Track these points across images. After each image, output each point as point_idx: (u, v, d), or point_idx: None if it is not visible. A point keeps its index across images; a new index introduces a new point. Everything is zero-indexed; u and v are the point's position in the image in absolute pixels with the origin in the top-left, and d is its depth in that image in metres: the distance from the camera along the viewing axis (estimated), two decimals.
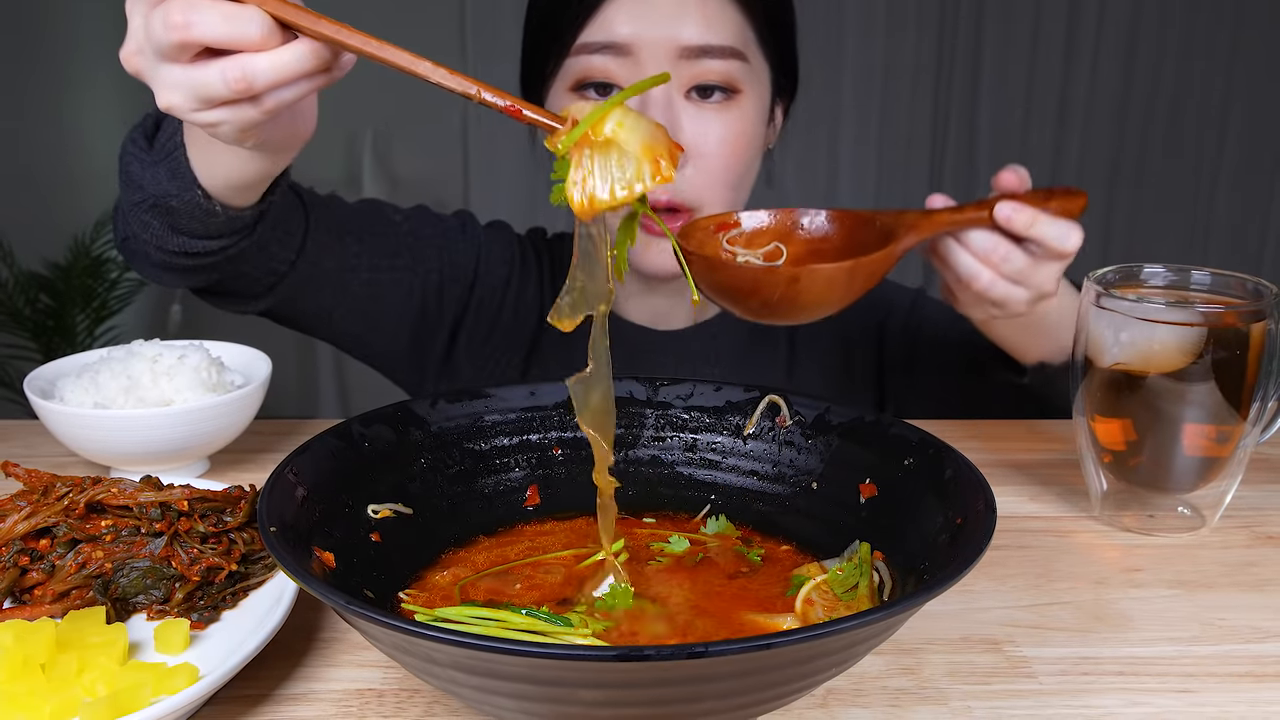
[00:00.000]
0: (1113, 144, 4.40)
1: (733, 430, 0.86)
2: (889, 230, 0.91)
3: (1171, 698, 0.74)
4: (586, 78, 1.18)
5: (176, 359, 1.06)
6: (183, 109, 0.74)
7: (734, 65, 1.18)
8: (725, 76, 1.17)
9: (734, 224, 0.92)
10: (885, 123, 4.34)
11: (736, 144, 1.20)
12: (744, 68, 1.19)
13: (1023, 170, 0.97)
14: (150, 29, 0.71)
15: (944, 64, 4.30)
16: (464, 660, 0.52)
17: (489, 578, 0.75)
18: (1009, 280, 0.96)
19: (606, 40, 1.16)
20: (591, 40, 1.17)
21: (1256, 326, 0.90)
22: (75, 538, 0.80)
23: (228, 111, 0.73)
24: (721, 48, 1.16)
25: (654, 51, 1.15)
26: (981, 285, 0.97)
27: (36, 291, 3.65)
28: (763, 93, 1.24)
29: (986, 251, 0.96)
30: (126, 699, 0.64)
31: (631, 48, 1.16)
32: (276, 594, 0.78)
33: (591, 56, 1.17)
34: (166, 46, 0.70)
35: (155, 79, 0.74)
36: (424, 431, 0.82)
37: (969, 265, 0.97)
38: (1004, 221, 0.94)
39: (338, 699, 0.72)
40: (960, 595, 0.86)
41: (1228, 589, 0.89)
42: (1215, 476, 0.97)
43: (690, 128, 1.17)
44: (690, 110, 1.18)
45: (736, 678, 0.54)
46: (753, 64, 1.21)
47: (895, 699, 0.73)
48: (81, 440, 1.02)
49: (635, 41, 1.15)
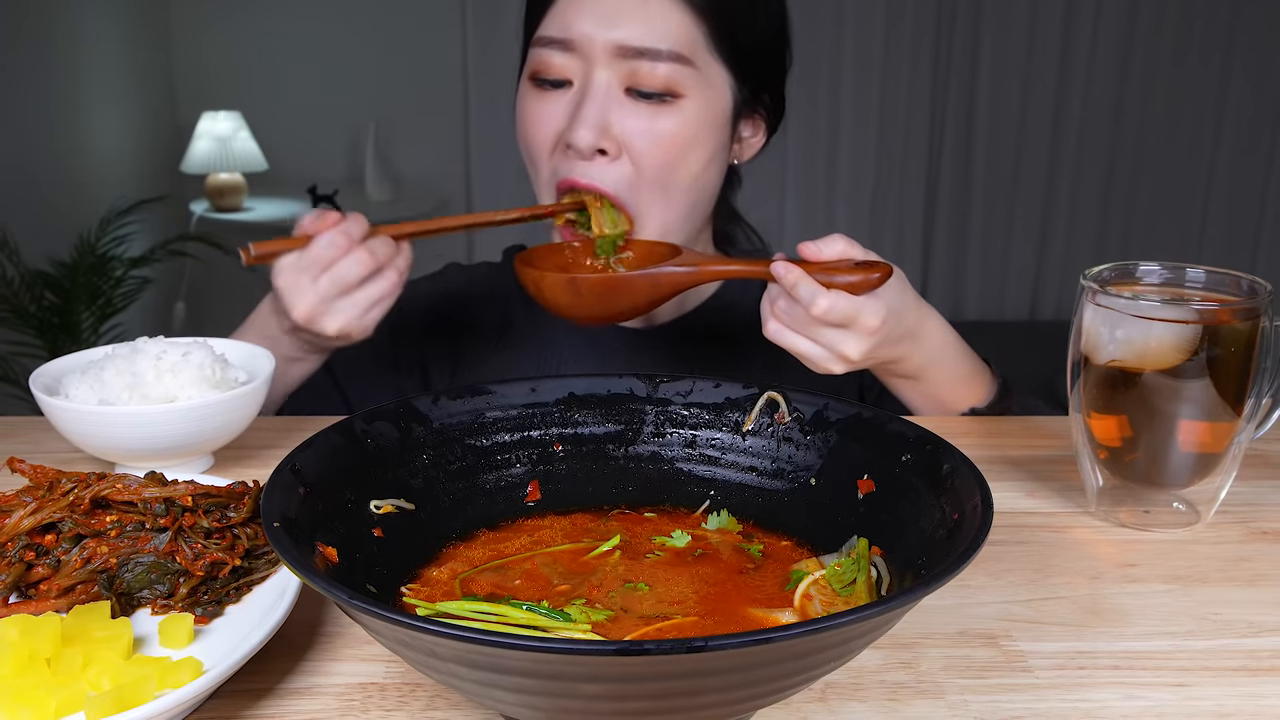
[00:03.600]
0: (1109, 141, 4.40)
1: (732, 427, 0.87)
2: (681, 263, 1.14)
3: (1167, 691, 0.75)
4: (542, 71, 1.23)
5: (180, 356, 1.07)
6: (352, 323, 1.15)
7: (675, 69, 1.20)
8: (666, 79, 1.20)
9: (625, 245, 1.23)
10: (884, 117, 4.34)
11: (669, 144, 1.22)
12: (689, 72, 1.20)
13: (836, 242, 1.09)
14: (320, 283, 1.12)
15: (941, 59, 4.30)
16: (465, 654, 0.53)
17: (490, 572, 0.76)
18: (790, 330, 1.09)
19: (557, 35, 1.21)
20: (544, 34, 1.23)
21: (1251, 324, 0.91)
22: (80, 533, 0.81)
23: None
24: (659, 50, 1.19)
25: (594, 50, 1.19)
26: (768, 331, 1.11)
27: (42, 289, 3.65)
28: (714, 100, 1.24)
29: (770, 298, 1.10)
30: (131, 693, 0.64)
31: (577, 44, 1.20)
32: (280, 589, 0.79)
33: (545, 49, 1.23)
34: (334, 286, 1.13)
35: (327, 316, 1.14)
36: (426, 428, 0.82)
37: (764, 311, 1.11)
38: (777, 277, 1.07)
39: (340, 693, 0.73)
40: (957, 590, 0.87)
41: (1223, 584, 0.90)
42: (1210, 472, 0.97)
43: (622, 124, 1.20)
44: (627, 105, 1.21)
45: (736, 672, 0.54)
46: (702, 70, 1.22)
47: (893, 693, 0.74)
48: (86, 436, 1.02)
49: (580, 39, 1.19)
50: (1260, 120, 4.42)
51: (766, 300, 1.11)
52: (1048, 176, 4.44)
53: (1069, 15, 4.24)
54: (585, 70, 1.21)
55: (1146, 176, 4.44)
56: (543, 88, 1.24)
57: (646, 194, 1.23)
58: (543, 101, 1.24)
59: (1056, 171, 4.42)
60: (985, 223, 4.50)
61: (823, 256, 1.08)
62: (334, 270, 1.11)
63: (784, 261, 1.07)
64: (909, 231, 4.51)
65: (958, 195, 4.47)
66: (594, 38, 1.19)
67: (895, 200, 4.46)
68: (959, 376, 1.23)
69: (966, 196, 4.47)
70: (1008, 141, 4.38)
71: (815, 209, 4.40)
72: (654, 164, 1.22)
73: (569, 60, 1.21)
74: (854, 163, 4.36)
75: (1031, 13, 4.23)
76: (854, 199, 4.44)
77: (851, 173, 4.39)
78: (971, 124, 4.37)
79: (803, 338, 1.08)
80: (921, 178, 4.45)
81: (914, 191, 4.47)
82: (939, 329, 1.19)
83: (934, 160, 4.43)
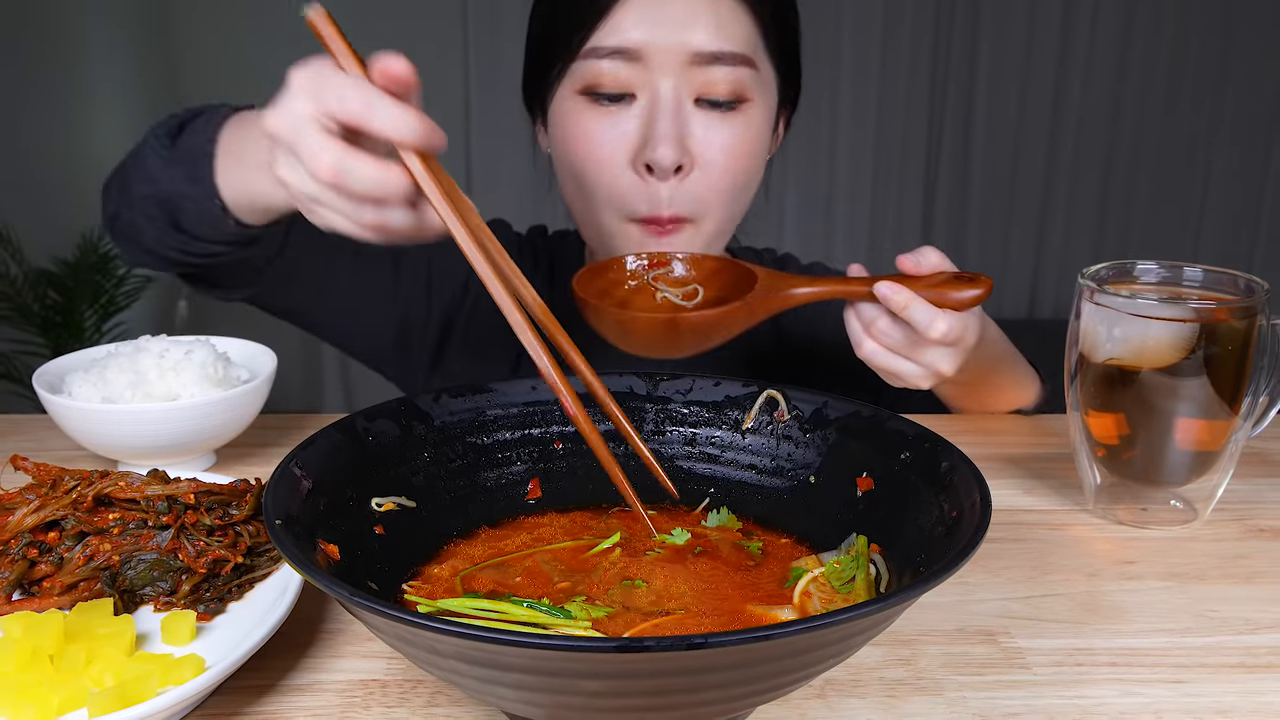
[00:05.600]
0: (1107, 141, 4.40)
1: (731, 424, 0.87)
2: (767, 290, 1.03)
3: (1164, 688, 0.75)
4: (596, 84, 1.16)
5: (183, 354, 1.07)
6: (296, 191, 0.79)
7: (743, 72, 1.15)
8: (735, 84, 1.15)
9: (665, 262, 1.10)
10: (881, 119, 4.34)
11: (741, 152, 1.18)
12: (753, 75, 1.17)
13: (931, 255, 1.02)
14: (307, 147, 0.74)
15: (939, 61, 4.30)
16: (466, 651, 0.53)
17: (491, 569, 0.76)
18: (892, 352, 1.02)
19: (617, 45, 1.13)
20: (601, 45, 1.14)
21: (1248, 322, 0.91)
22: (83, 530, 0.81)
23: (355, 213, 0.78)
24: (732, 54, 1.14)
25: (665, 58, 1.13)
26: (864, 353, 1.04)
27: (45, 288, 3.66)
28: (769, 101, 1.22)
29: (869, 322, 1.03)
30: (134, 689, 0.65)
31: (642, 53, 1.13)
32: (281, 586, 0.79)
33: (600, 61, 1.14)
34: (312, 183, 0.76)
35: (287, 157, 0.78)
36: (427, 426, 0.83)
37: (855, 332, 1.04)
38: (882, 299, 1.00)
39: (342, 689, 0.73)
40: (956, 587, 0.87)
41: (1219, 581, 0.90)
42: (1207, 470, 0.98)
43: (698, 134, 1.16)
44: (699, 116, 1.16)
45: (735, 668, 0.54)
46: (761, 72, 1.19)
47: (892, 689, 0.74)
48: (89, 434, 1.03)
49: (646, 47, 1.13)
50: (1256, 120, 4.42)
51: (856, 320, 1.04)
52: (1045, 175, 4.44)
53: (1067, 16, 4.24)
54: (650, 81, 1.14)
55: (1144, 176, 4.44)
56: (599, 102, 1.16)
57: (720, 206, 1.20)
58: (602, 117, 1.16)
59: (1054, 171, 4.42)
60: (983, 222, 4.49)
61: (921, 270, 1.02)
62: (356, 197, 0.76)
63: (890, 282, 1.00)
64: (907, 231, 4.51)
65: (956, 194, 4.47)
66: (665, 45, 1.12)
67: (894, 199, 4.46)
68: (1013, 381, 1.23)
69: (965, 196, 4.47)
70: (1005, 141, 4.38)
71: (814, 209, 4.39)
72: (724, 172, 1.17)
73: (632, 71, 1.14)
74: (852, 162, 4.36)
75: (1030, 13, 4.23)
76: (853, 199, 4.44)
77: (850, 173, 4.38)
78: (970, 123, 4.36)
79: (903, 359, 1.03)
80: (920, 177, 4.44)
81: (912, 190, 4.47)
82: (997, 335, 1.18)
83: (932, 159, 4.42)
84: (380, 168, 0.74)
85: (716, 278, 1.09)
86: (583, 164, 1.19)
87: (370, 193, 0.74)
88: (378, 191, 0.74)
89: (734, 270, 1.08)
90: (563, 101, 1.20)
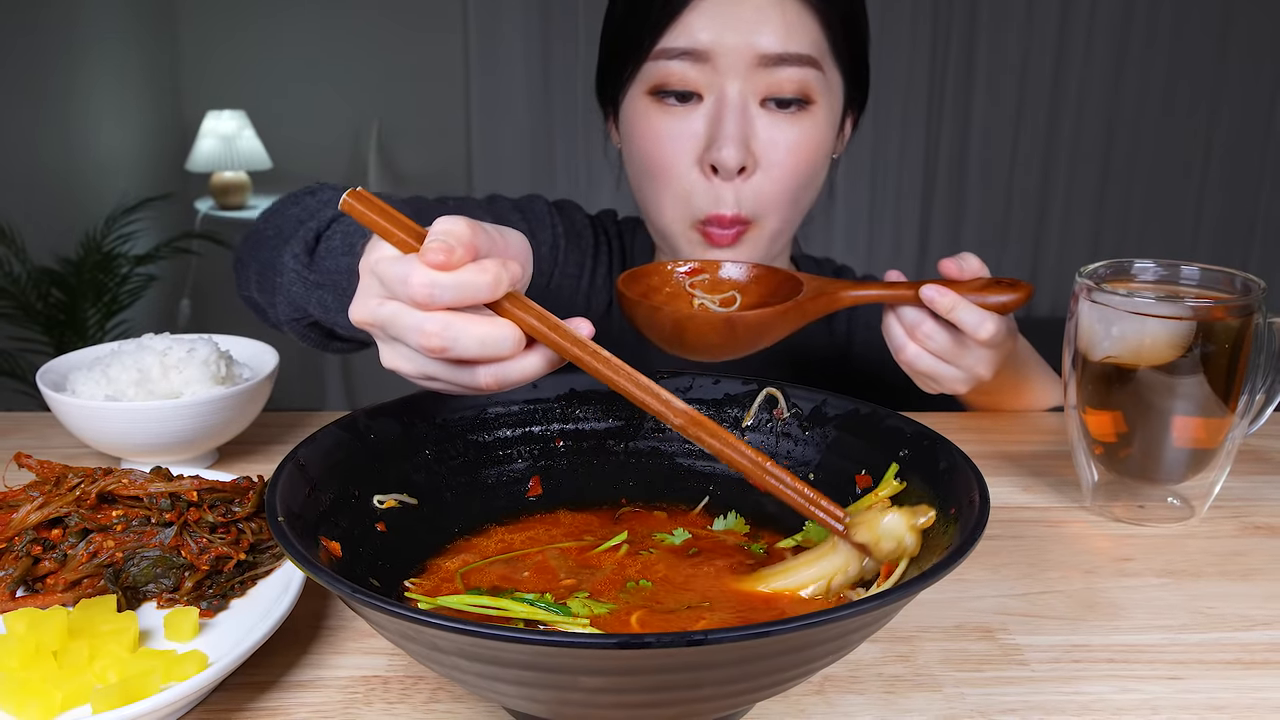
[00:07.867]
0: (1104, 140, 4.40)
1: (731, 422, 0.87)
2: (816, 292, 1.04)
3: (1161, 684, 0.75)
4: (664, 84, 1.18)
5: (186, 352, 1.08)
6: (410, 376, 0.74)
7: (810, 74, 1.17)
8: (801, 85, 1.16)
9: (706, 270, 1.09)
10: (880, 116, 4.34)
11: (804, 153, 1.19)
12: (819, 77, 1.18)
13: (972, 260, 1.05)
14: (402, 324, 0.69)
15: (937, 63, 4.31)
16: (467, 648, 0.54)
17: (492, 566, 0.77)
18: (934, 356, 1.04)
19: (686, 46, 1.16)
20: (671, 46, 1.16)
21: (1244, 320, 0.92)
22: (87, 527, 0.81)
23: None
24: (799, 56, 1.15)
25: (733, 59, 1.15)
26: (907, 357, 1.06)
27: (48, 286, 3.66)
28: (834, 103, 1.23)
29: (912, 326, 1.05)
30: (137, 685, 0.65)
31: (710, 54, 1.15)
32: (284, 583, 0.80)
33: (670, 62, 1.17)
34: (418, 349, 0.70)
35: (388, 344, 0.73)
36: (428, 423, 0.83)
37: (898, 336, 1.06)
38: (928, 302, 1.02)
39: (344, 685, 0.74)
40: (954, 584, 0.88)
41: (1216, 578, 0.90)
42: (1204, 468, 0.98)
43: (762, 135, 1.17)
44: (764, 118, 1.17)
45: (735, 665, 0.55)
46: (827, 74, 1.20)
47: (890, 685, 0.75)
48: (93, 432, 1.03)
49: (714, 48, 1.15)
50: (1254, 119, 4.43)
51: (898, 324, 1.06)
52: (1043, 174, 4.45)
53: (1064, 17, 4.24)
54: (716, 82, 1.16)
55: (1141, 174, 4.45)
56: (666, 102, 1.19)
57: (782, 207, 1.21)
58: (672, 117, 1.19)
59: (1052, 170, 4.43)
60: (981, 220, 4.50)
61: (964, 275, 1.04)
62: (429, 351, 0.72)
63: (936, 285, 1.02)
64: (905, 230, 4.51)
65: (954, 194, 4.47)
66: (734, 46, 1.14)
67: (892, 199, 4.46)
68: (1039, 384, 1.25)
69: (963, 196, 4.47)
70: (1003, 141, 4.38)
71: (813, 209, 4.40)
72: (787, 173, 1.19)
73: (700, 72, 1.16)
74: (852, 162, 4.36)
75: (1027, 13, 4.23)
76: (852, 199, 4.44)
77: (849, 173, 4.39)
78: (968, 123, 4.37)
79: (945, 363, 1.04)
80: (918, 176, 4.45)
81: (911, 190, 4.47)
82: (1023, 340, 1.19)
83: (930, 158, 4.43)
84: (490, 324, 0.69)
85: (755, 285, 1.10)
86: (650, 163, 1.21)
87: (480, 355, 0.69)
88: (493, 350, 0.69)
89: (773, 278, 1.09)
90: (633, 101, 1.22)
